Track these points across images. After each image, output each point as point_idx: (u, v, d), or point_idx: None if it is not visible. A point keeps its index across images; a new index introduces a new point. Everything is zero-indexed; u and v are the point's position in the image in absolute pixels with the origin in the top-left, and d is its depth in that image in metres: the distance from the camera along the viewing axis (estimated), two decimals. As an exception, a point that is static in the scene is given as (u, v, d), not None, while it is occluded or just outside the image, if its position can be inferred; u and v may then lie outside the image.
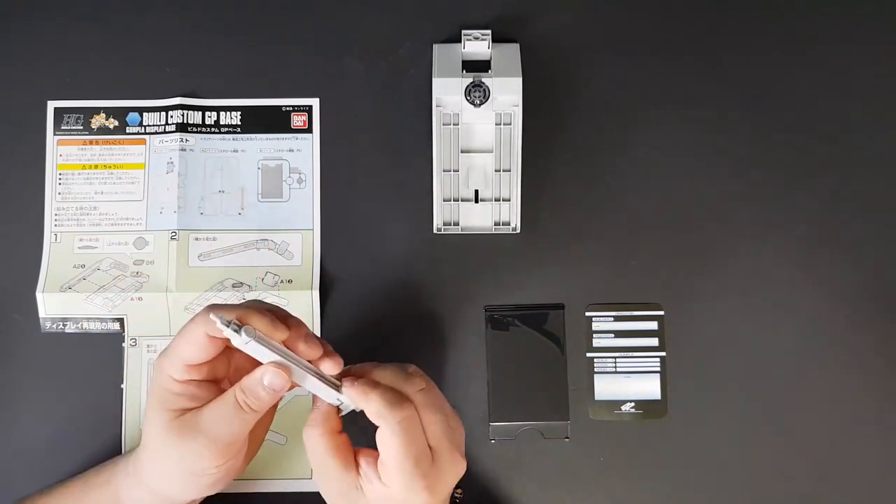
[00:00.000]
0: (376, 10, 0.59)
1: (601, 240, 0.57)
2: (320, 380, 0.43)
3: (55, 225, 0.57)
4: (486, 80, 0.54)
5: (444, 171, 0.54)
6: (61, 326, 0.56)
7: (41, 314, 0.56)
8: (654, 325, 0.56)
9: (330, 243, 0.57)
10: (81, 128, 0.58)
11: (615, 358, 0.56)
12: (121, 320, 0.56)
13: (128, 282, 0.56)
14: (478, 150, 0.55)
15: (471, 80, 0.54)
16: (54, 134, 0.58)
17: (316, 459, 0.43)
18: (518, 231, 0.55)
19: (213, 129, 0.58)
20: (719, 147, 0.58)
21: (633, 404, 0.56)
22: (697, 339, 0.56)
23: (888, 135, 0.58)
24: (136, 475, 0.45)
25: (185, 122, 0.58)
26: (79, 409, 0.55)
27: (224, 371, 0.45)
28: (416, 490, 0.41)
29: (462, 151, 0.55)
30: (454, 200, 0.55)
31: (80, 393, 0.55)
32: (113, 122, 0.58)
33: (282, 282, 0.56)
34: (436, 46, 0.57)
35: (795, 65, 0.59)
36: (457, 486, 0.49)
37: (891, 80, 0.58)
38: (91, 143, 0.58)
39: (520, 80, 0.54)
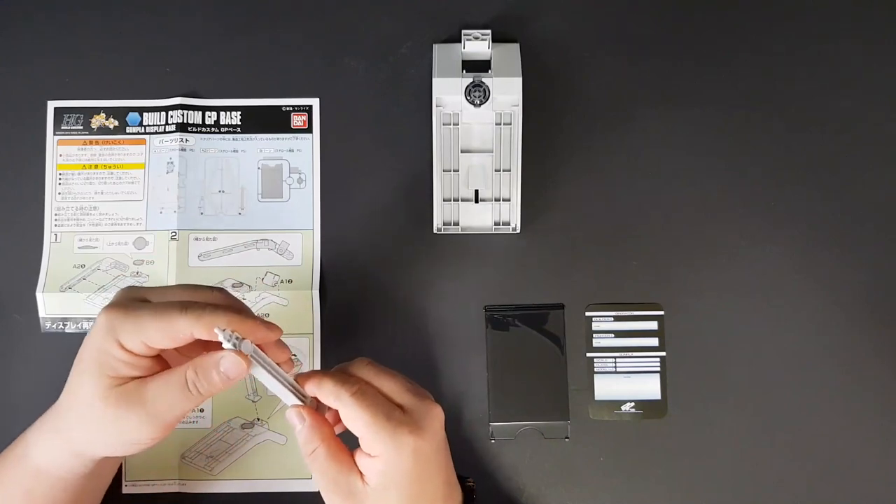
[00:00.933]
0: (376, 10, 0.59)
1: (601, 240, 0.57)
2: (285, 385, 0.43)
3: (55, 225, 0.57)
4: (486, 80, 0.54)
5: (444, 171, 0.55)
6: (61, 326, 0.56)
7: (41, 314, 0.56)
8: (654, 325, 0.56)
9: (330, 243, 0.57)
10: (81, 128, 0.58)
11: (615, 358, 0.56)
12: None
13: (128, 282, 0.56)
14: (478, 150, 0.55)
15: (471, 80, 0.54)
16: (54, 134, 0.58)
17: (320, 472, 0.43)
18: (518, 231, 0.55)
19: (213, 129, 0.58)
20: (720, 147, 0.58)
21: (633, 404, 0.56)
22: (697, 339, 0.56)
23: (891, 135, 0.58)
24: (58, 437, 0.44)
25: (185, 122, 0.58)
26: (79, 409, 0.55)
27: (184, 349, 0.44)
28: (401, 438, 0.41)
29: (462, 151, 0.55)
30: (454, 200, 0.55)
31: (80, 393, 0.55)
32: (113, 122, 0.58)
33: (282, 282, 0.56)
34: (436, 46, 0.57)
35: (797, 64, 0.59)
36: (467, 477, 0.49)
37: (893, 80, 0.58)
38: (91, 142, 0.58)
39: (520, 80, 0.54)
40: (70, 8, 0.59)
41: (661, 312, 0.56)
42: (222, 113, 0.58)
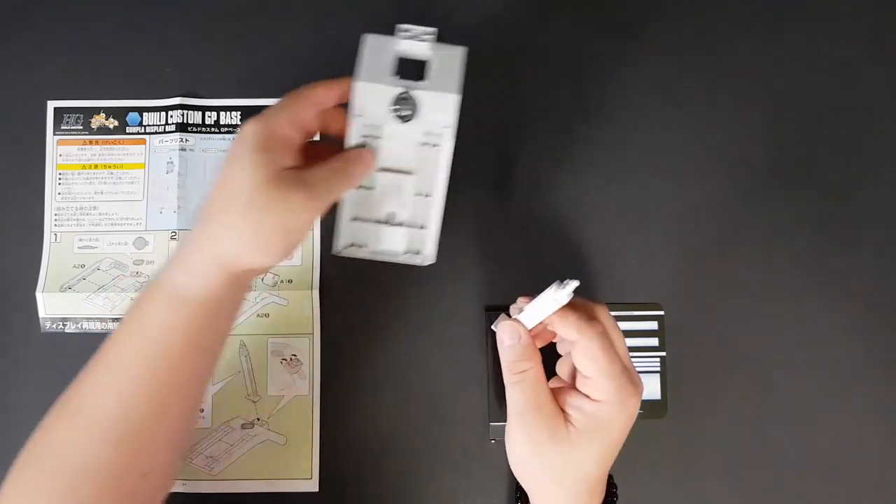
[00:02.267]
0: (376, 10, 0.59)
1: (600, 240, 0.57)
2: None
3: (55, 225, 0.57)
4: (416, 94, 0.45)
5: (357, 186, 0.47)
6: (61, 326, 0.56)
7: (41, 314, 0.56)
8: (654, 325, 0.56)
9: (330, 243, 0.57)
10: (81, 128, 0.58)
11: (615, 358, 0.56)
12: (120, 320, 0.56)
13: (128, 282, 0.56)
14: (398, 169, 0.47)
15: (400, 90, 0.45)
16: (54, 134, 0.58)
17: (525, 396, 0.43)
18: (433, 262, 0.49)
19: (212, 129, 0.58)
20: (720, 147, 0.58)
21: (633, 404, 0.56)
22: (697, 339, 0.56)
23: (892, 135, 0.58)
24: (202, 250, 0.42)
25: (185, 121, 0.58)
26: (79, 409, 0.55)
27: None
28: (629, 394, 0.42)
29: (380, 169, 0.47)
30: (364, 221, 0.48)
31: (80, 393, 0.55)
32: (113, 122, 0.58)
33: (282, 282, 0.56)
34: (367, 37, 0.46)
35: (799, 65, 0.59)
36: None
37: (895, 80, 0.58)
38: (91, 142, 0.58)
39: (455, 97, 0.45)
40: (70, 8, 0.59)
41: (661, 312, 0.56)
42: (222, 113, 0.58)
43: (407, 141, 0.46)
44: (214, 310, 0.43)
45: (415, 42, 0.46)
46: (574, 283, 0.43)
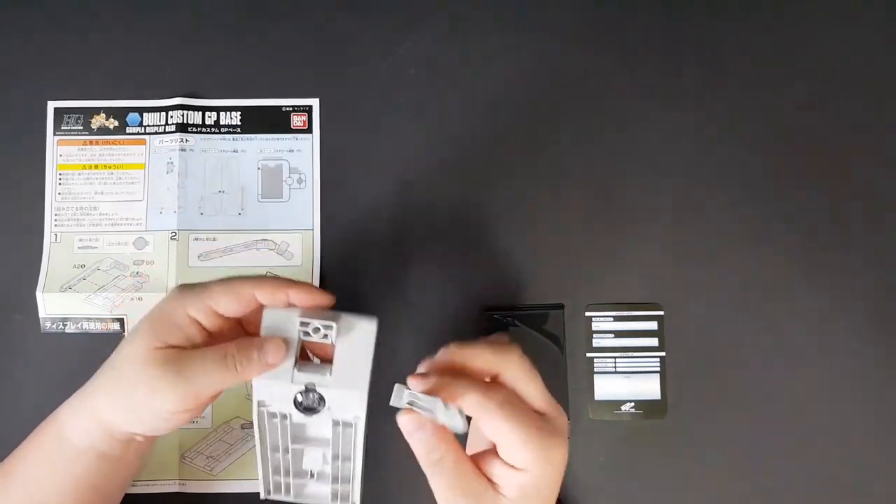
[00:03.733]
0: (376, 10, 0.59)
1: (601, 240, 0.57)
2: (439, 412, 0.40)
3: (55, 225, 0.57)
4: (322, 391, 0.42)
5: (271, 451, 0.45)
6: (61, 326, 0.56)
7: (41, 314, 0.56)
8: (653, 325, 0.56)
9: (330, 243, 0.57)
10: (81, 128, 0.58)
11: (615, 358, 0.56)
12: (121, 320, 0.56)
13: (128, 282, 0.56)
14: (314, 440, 0.45)
15: (300, 387, 0.42)
16: (54, 134, 0.58)
17: (447, 481, 0.40)
18: None
19: (213, 130, 0.58)
20: (720, 147, 0.58)
21: (632, 404, 0.56)
22: (697, 339, 0.56)
23: (891, 136, 0.58)
24: (86, 403, 0.44)
25: (185, 122, 0.58)
26: (79, 409, 0.55)
27: (230, 335, 0.43)
28: (552, 451, 0.40)
29: (293, 443, 0.44)
30: (285, 475, 0.45)
31: (81, 393, 0.55)
32: (113, 123, 0.58)
33: (282, 282, 0.56)
34: (266, 313, 0.43)
35: (797, 65, 0.59)
36: None
37: (894, 80, 0.58)
38: (91, 143, 0.58)
39: (363, 394, 0.42)
40: (70, 8, 0.59)
41: (661, 312, 0.56)
42: (222, 113, 0.58)
43: (319, 421, 0.43)
44: (100, 459, 0.44)
45: (316, 335, 0.42)
46: (455, 410, 0.39)
